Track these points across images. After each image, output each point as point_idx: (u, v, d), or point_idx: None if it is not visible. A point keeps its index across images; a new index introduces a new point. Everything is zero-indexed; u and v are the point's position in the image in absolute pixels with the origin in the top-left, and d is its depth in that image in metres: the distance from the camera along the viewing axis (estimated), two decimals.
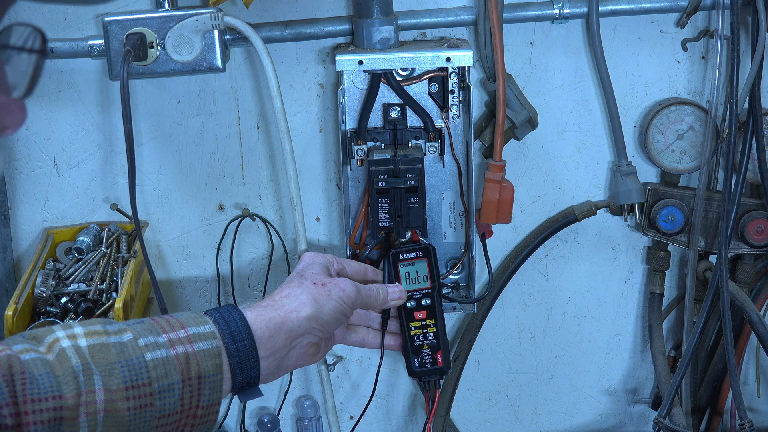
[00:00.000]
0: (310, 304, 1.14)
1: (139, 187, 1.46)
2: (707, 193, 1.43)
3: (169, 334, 1.03)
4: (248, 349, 1.07)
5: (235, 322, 1.07)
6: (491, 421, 1.64)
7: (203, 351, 1.03)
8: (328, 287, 1.17)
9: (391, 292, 1.26)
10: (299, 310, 1.13)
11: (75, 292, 1.37)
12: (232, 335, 1.06)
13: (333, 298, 1.16)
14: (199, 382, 1.02)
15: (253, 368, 1.08)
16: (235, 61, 1.42)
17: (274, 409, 1.60)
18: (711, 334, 1.52)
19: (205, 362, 1.03)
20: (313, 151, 1.47)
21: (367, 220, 1.37)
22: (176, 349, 1.02)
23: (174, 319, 1.06)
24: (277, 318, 1.12)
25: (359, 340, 1.29)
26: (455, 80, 1.34)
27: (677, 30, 1.42)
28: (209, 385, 1.03)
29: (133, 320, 1.06)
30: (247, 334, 1.07)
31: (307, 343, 1.15)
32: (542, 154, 1.49)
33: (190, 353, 1.02)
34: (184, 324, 1.05)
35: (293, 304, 1.14)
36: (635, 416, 1.65)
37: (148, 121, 1.45)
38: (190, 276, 1.53)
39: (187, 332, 1.04)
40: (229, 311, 1.09)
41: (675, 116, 1.43)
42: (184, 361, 1.01)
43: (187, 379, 1.01)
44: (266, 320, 1.11)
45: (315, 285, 1.17)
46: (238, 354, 1.06)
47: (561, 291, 1.57)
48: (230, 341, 1.06)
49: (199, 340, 1.03)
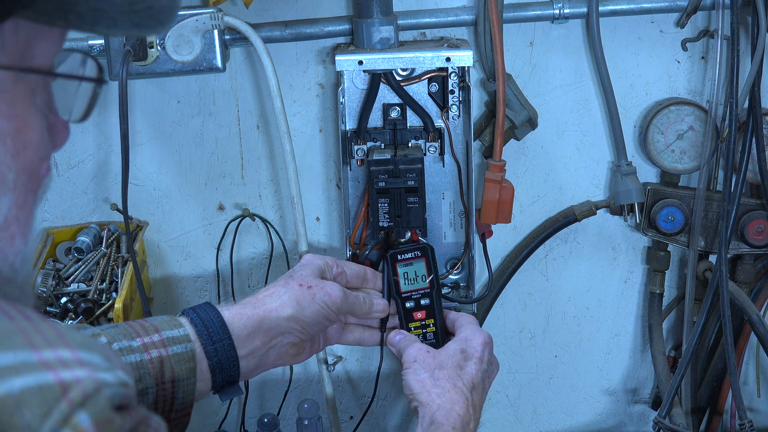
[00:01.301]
0: (291, 305, 1.14)
1: (140, 187, 1.46)
2: (707, 193, 1.43)
3: (143, 339, 1.03)
4: (227, 348, 1.07)
5: (212, 323, 1.08)
6: (491, 421, 1.64)
7: (177, 355, 1.03)
8: (313, 290, 1.16)
9: (375, 304, 1.26)
10: (279, 309, 1.13)
11: (75, 292, 1.37)
12: (210, 336, 1.07)
13: (317, 301, 1.16)
14: (172, 386, 1.03)
15: (232, 367, 1.08)
16: (235, 61, 1.42)
17: (274, 409, 1.60)
18: (711, 334, 1.52)
19: (179, 366, 1.03)
20: (313, 151, 1.47)
21: (367, 220, 1.37)
22: (150, 354, 1.02)
23: (148, 323, 1.06)
24: (256, 316, 1.12)
25: (356, 339, 1.29)
26: (455, 80, 1.34)
27: (677, 30, 1.42)
28: (183, 389, 1.04)
29: (107, 325, 1.07)
30: (225, 333, 1.08)
31: (287, 342, 1.15)
32: (542, 154, 1.49)
33: (164, 357, 1.03)
34: (158, 328, 1.05)
35: (274, 303, 1.14)
36: (635, 416, 1.66)
37: (148, 121, 1.45)
38: (190, 276, 1.53)
39: (161, 336, 1.04)
40: (207, 311, 1.09)
41: (675, 116, 1.43)
42: (158, 365, 1.02)
43: (161, 383, 1.02)
44: (244, 318, 1.11)
45: (300, 287, 1.16)
46: (217, 354, 1.07)
47: (561, 291, 1.57)
48: (208, 342, 1.06)
49: (173, 344, 1.04)
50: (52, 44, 0.69)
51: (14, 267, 0.69)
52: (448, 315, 1.29)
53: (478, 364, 1.17)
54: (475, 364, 1.16)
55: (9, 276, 0.69)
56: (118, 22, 0.66)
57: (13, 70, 0.66)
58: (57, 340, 0.62)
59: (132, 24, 0.67)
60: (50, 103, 0.72)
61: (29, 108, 0.68)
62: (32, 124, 0.68)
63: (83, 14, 0.65)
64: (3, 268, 0.68)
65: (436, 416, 1.10)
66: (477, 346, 1.18)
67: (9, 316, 0.63)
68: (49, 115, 0.72)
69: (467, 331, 1.21)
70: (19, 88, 0.67)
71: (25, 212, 0.69)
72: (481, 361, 1.17)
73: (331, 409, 1.50)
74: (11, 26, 0.65)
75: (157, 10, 0.68)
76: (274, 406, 1.60)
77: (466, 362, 1.16)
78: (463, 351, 1.18)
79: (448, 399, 1.12)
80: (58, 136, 0.73)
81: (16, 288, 0.70)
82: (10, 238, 0.68)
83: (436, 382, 1.13)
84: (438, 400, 1.11)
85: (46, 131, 0.70)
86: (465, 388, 1.13)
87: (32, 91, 0.69)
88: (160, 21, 0.69)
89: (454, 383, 1.13)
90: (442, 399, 1.11)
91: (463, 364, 1.16)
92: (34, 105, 0.69)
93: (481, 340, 1.19)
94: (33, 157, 0.69)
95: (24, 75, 0.67)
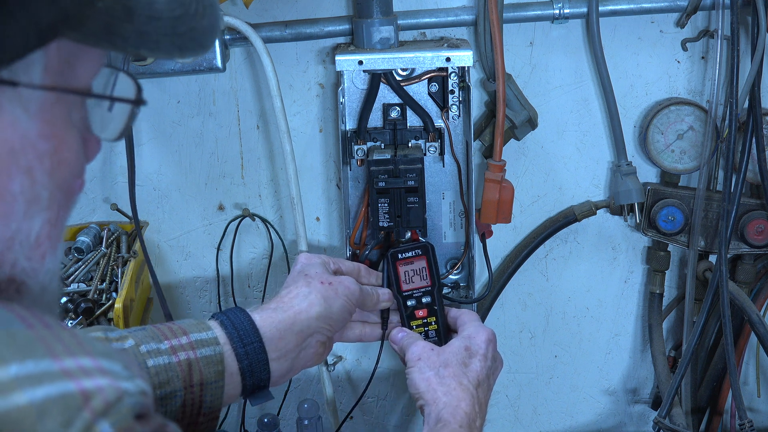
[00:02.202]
0: (319, 303, 1.14)
1: (139, 187, 1.46)
2: (707, 193, 1.43)
3: (171, 341, 1.02)
4: (257, 351, 1.07)
5: (243, 325, 1.07)
6: (491, 421, 1.63)
7: (205, 357, 1.03)
8: (335, 285, 1.17)
9: (381, 293, 1.27)
10: (309, 310, 1.13)
11: (75, 292, 1.37)
12: (241, 338, 1.06)
13: (340, 296, 1.17)
14: (201, 389, 1.02)
15: (263, 371, 1.07)
16: (235, 61, 1.42)
17: (274, 409, 1.60)
18: (711, 334, 1.52)
19: (207, 369, 1.02)
20: (313, 151, 1.47)
21: (367, 220, 1.37)
22: (178, 356, 1.01)
23: (176, 326, 1.05)
24: (287, 319, 1.11)
25: (357, 336, 1.29)
26: (455, 80, 1.34)
27: (677, 30, 1.42)
28: (211, 392, 1.03)
29: (134, 327, 1.06)
30: (256, 336, 1.07)
31: (317, 342, 1.15)
32: (542, 154, 1.49)
33: (192, 360, 1.02)
34: (186, 330, 1.04)
35: (303, 304, 1.14)
36: (635, 416, 1.65)
37: (148, 121, 1.45)
38: (190, 276, 1.53)
39: (190, 339, 1.03)
40: (237, 314, 1.09)
41: (675, 116, 1.43)
42: (186, 368, 1.01)
43: (189, 386, 1.01)
44: (276, 322, 1.10)
45: (323, 284, 1.17)
46: (248, 357, 1.06)
47: (561, 291, 1.57)
48: (239, 344, 1.05)
49: (201, 346, 1.03)
50: (94, 65, 0.70)
51: (43, 285, 0.69)
52: (449, 312, 1.29)
53: (483, 361, 1.17)
54: (480, 361, 1.16)
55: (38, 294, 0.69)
56: (161, 45, 0.66)
57: (56, 91, 0.66)
58: (77, 348, 0.62)
59: (174, 46, 0.67)
60: (86, 120, 0.72)
61: (67, 127, 0.68)
62: (69, 143, 0.69)
63: (128, 37, 0.65)
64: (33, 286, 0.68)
65: (442, 414, 1.10)
66: (481, 343, 1.18)
67: (28, 324, 0.62)
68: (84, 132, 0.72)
69: (471, 328, 1.21)
70: (59, 108, 0.67)
71: (57, 230, 0.70)
72: (485, 357, 1.17)
73: (331, 409, 1.50)
74: (56, 46, 0.65)
75: (200, 33, 0.68)
76: (274, 406, 1.60)
77: (470, 359, 1.16)
78: (467, 348, 1.18)
79: (454, 397, 1.12)
80: (91, 151, 0.74)
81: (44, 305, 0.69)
82: (41, 257, 0.68)
83: (442, 380, 1.13)
84: (444, 398, 1.11)
85: (81, 148, 0.71)
86: (470, 386, 1.13)
87: (70, 109, 0.69)
88: (201, 43, 0.69)
89: (459, 381, 1.13)
90: (448, 397, 1.11)
91: (467, 362, 1.16)
92: (71, 123, 0.69)
93: (485, 337, 1.19)
94: (68, 175, 0.69)
95: (65, 95, 0.67)
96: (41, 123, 0.66)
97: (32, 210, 0.67)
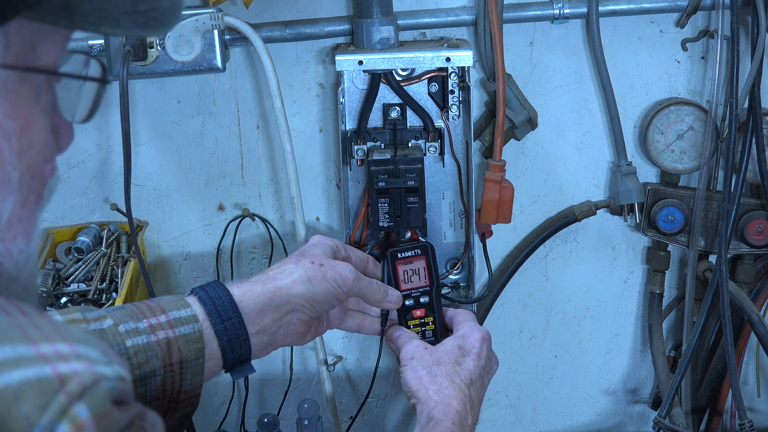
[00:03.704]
0: (302, 281, 1.13)
1: (140, 187, 1.46)
2: (707, 193, 1.43)
3: (150, 320, 1.02)
4: (236, 327, 1.06)
5: (221, 301, 1.07)
6: (491, 421, 1.64)
7: (184, 336, 1.02)
8: (324, 268, 1.15)
9: (390, 294, 1.25)
10: (290, 286, 1.12)
11: (75, 292, 1.37)
12: (219, 315, 1.05)
13: (328, 279, 1.15)
14: (180, 368, 1.01)
15: (243, 345, 1.07)
16: (235, 61, 1.42)
17: (274, 409, 1.60)
18: (711, 334, 1.52)
19: (187, 347, 1.02)
20: (313, 151, 1.47)
21: (367, 220, 1.37)
22: (157, 335, 1.01)
23: (155, 303, 1.05)
24: (266, 293, 1.10)
25: (356, 325, 1.28)
26: (455, 80, 1.34)
27: (677, 30, 1.42)
28: (191, 370, 1.02)
29: (114, 306, 1.06)
30: (235, 312, 1.07)
31: (297, 320, 1.13)
32: (542, 154, 1.49)
33: (171, 338, 1.01)
34: (165, 308, 1.04)
35: (285, 280, 1.13)
36: (635, 416, 1.66)
37: (148, 121, 1.45)
38: (190, 276, 1.53)
39: (168, 317, 1.03)
40: (216, 289, 1.08)
41: (675, 116, 1.43)
42: (165, 347, 1.01)
43: (169, 365, 1.01)
44: (254, 295, 1.10)
45: (312, 264, 1.15)
46: (227, 333, 1.05)
47: (561, 291, 1.57)
48: (218, 321, 1.05)
49: (180, 324, 1.03)
50: (56, 45, 0.70)
51: (18, 265, 0.70)
52: (446, 312, 1.29)
53: (476, 360, 1.17)
54: (473, 360, 1.16)
55: (13, 274, 0.70)
56: (121, 23, 0.67)
57: (18, 69, 0.67)
58: (54, 335, 0.63)
59: (136, 24, 0.67)
60: (54, 104, 0.73)
61: (34, 108, 0.69)
62: (37, 125, 0.69)
63: (87, 14, 0.65)
64: (8, 266, 0.69)
65: (433, 413, 1.10)
66: (474, 342, 1.18)
67: (6, 311, 0.63)
68: (53, 116, 0.72)
69: (465, 327, 1.21)
70: (24, 89, 0.68)
71: (27, 212, 0.70)
72: (479, 357, 1.17)
73: (331, 409, 1.50)
74: (16, 26, 0.66)
75: (161, 12, 0.69)
76: (274, 406, 1.60)
77: (463, 358, 1.16)
78: (460, 347, 1.17)
79: (446, 395, 1.11)
80: (63, 139, 0.74)
81: (19, 286, 0.70)
82: (13, 238, 0.69)
83: (434, 378, 1.13)
84: (435, 397, 1.11)
85: (50, 132, 0.71)
86: (463, 384, 1.13)
87: (37, 91, 0.69)
88: (163, 22, 0.69)
89: (451, 379, 1.13)
90: (440, 395, 1.11)
91: (460, 360, 1.16)
92: (39, 105, 0.70)
93: (479, 336, 1.19)
94: (37, 157, 0.70)
95: (28, 75, 0.68)
96: (5, 103, 0.67)
97: (2, 191, 0.67)
